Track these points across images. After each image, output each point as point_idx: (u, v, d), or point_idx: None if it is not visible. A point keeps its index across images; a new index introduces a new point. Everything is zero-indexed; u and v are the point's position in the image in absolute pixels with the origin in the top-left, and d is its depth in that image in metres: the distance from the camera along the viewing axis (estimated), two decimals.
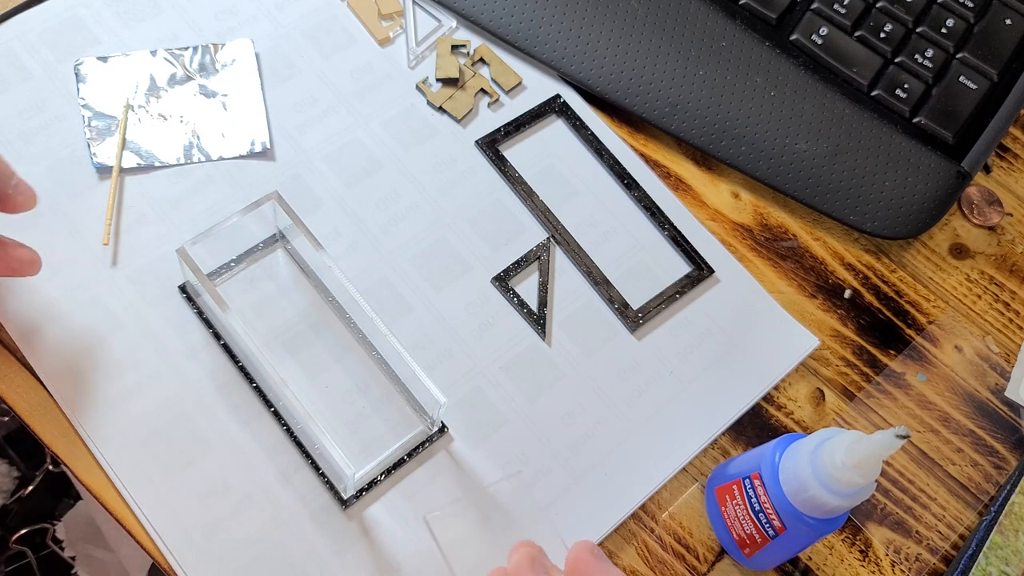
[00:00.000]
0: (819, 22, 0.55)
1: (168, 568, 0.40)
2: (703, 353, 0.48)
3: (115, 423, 0.41)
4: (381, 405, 0.44)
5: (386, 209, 0.48)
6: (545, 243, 0.49)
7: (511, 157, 0.51)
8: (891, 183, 0.53)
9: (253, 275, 0.46)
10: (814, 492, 0.37)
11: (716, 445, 0.47)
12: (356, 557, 0.41)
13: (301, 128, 0.49)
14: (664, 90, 0.53)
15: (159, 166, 0.47)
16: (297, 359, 0.44)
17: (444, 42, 0.53)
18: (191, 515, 0.40)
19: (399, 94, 0.52)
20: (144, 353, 0.43)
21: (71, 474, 0.42)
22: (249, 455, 0.42)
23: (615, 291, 0.49)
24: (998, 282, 0.54)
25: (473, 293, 0.47)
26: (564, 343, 0.47)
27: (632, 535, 0.44)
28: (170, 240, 0.45)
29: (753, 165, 0.53)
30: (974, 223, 0.56)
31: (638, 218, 0.51)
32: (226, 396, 0.43)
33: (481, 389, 0.45)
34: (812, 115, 0.53)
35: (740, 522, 0.42)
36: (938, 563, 0.46)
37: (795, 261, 0.52)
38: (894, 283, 0.53)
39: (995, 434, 0.50)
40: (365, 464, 0.42)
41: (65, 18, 0.49)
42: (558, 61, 0.53)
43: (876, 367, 0.50)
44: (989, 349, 0.52)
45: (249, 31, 0.51)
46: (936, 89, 0.55)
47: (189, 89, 0.49)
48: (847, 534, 0.46)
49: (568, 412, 0.46)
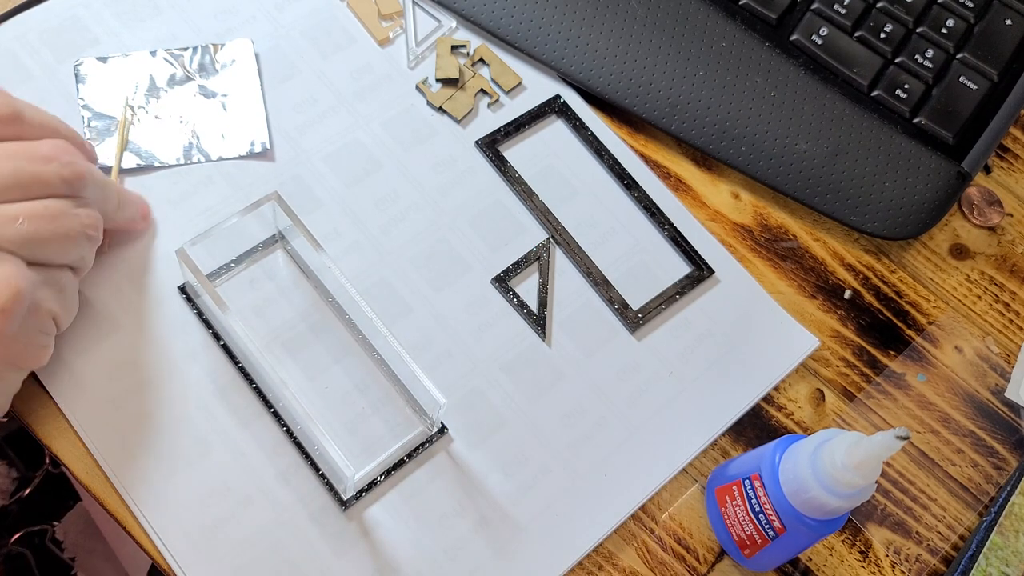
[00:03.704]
0: (819, 22, 0.55)
1: (168, 569, 0.39)
2: (703, 353, 0.48)
3: (114, 423, 0.41)
4: (381, 406, 0.44)
5: (386, 209, 0.48)
6: (545, 243, 0.49)
7: (511, 157, 0.51)
8: (891, 183, 0.53)
9: (253, 276, 0.46)
10: (814, 493, 0.37)
11: (716, 446, 0.47)
12: (356, 558, 0.41)
13: (301, 128, 0.49)
14: (664, 90, 0.53)
15: (159, 166, 0.47)
16: (297, 360, 0.44)
17: (444, 42, 0.53)
18: (191, 515, 0.40)
19: (399, 94, 0.52)
20: (144, 354, 0.43)
21: (70, 475, 0.42)
22: (249, 456, 0.42)
23: (615, 291, 0.49)
24: (998, 283, 0.54)
25: (473, 293, 0.47)
26: (564, 343, 0.47)
27: (632, 535, 0.44)
28: (170, 240, 0.45)
29: (753, 165, 0.53)
30: (974, 223, 0.56)
31: (638, 218, 0.51)
32: (226, 397, 0.43)
33: (481, 390, 0.45)
34: (812, 115, 0.53)
35: (740, 523, 0.42)
36: (938, 564, 0.46)
37: (795, 262, 0.52)
38: (894, 284, 0.53)
39: (995, 435, 0.50)
40: (365, 465, 0.42)
41: (65, 18, 0.49)
42: (558, 61, 0.53)
43: (876, 368, 0.50)
44: (989, 350, 0.52)
45: (249, 31, 0.51)
46: (936, 89, 0.55)
47: (189, 89, 0.49)
48: (847, 535, 0.46)
49: (568, 412, 0.46)
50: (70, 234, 0.37)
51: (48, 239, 0.36)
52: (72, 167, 0.37)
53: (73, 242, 0.37)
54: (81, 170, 0.38)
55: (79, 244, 0.38)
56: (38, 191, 0.36)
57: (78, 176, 0.38)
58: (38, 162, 0.36)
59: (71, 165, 0.37)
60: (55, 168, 0.37)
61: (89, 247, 0.39)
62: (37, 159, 0.36)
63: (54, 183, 0.37)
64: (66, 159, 0.37)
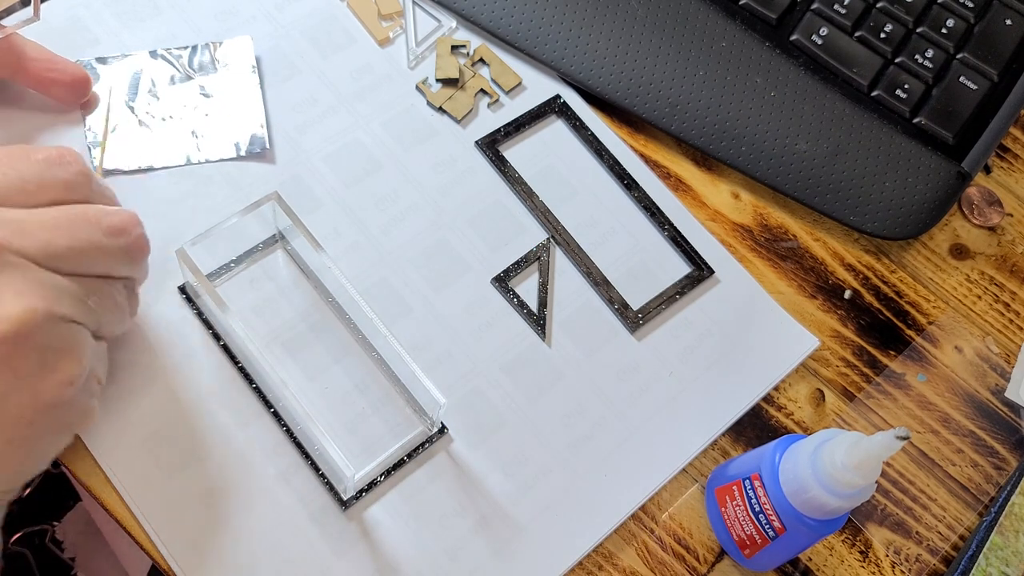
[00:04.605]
0: (819, 22, 0.55)
1: (168, 569, 0.39)
2: (703, 353, 0.48)
3: (114, 424, 0.41)
4: (381, 406, 0.44)
5: (386, 209, 0.48)
6: (545, 243, 0.49)
7: (511, 157, 0.51)
8: (891, 183, 0.53)
9: (253, 276, 0.46)
10: (814, 493, 0.37)
11: (716, 446, 0.47)
12: (356, 558, 0.41)
13: (301, 128, 0.49)
14: (664, 90, 0.53)
15: (159, 167, 0.47)
16: (297, 360, 0.44)
17: (444, 42, 0.53)
18: (191, 516, 0.40)
19: (399, 94, 0.52)
20: (143, 354, 0.43)
21: (71, 475, 0.42)
22: (249, 456, 0.42)
23: (615, 291, 0.49)
24: (998, 283, 0.54)
25: (473, 294, 0.47)
26: (564, 344, 0.47)
27: (632, 536, 0.44)
28: (170, 240, 0.45)
29: (753, 165, 0.53)
30: (974, 223, 0.56)
31: (638, 218, 0.51)
32: (226, 397, 0.43)
33: (481, 390, 0.45)
34: (812, 115, 0.53)
35: (740, 523, 0.42)
36: (938, 564, 0.46)
37: (795, 261, 0.52)
38: (894, 284, 0.53)
39: (995, 435, 0.50)
40: (365, 465, 0.42)
41: (65, 18, 0.49)
42: (558, 61, 0.53)
43: (876, 368, 0.50)
44: (989, 350, 0.52)
45: (248, 31, 0.51)
46: (936, 89, 0.55)
47: (189, 90, 0.49)
48: (847, 535, 0.46)
49: (568, 412, 0.46)
50: (121, 309, 0.38)
51: (111, 313, 0.37)
52: (142, 240, 0.38)
53: (122, 316, 0.38)
54: (146, 246, 0.39)
55: (124, 318, 0.39)
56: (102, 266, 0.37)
57: (141, 251, 0.38)
58: (111, 235, 0.36)
59: (141, 239, 0.38)
60: (123, 242, 0.37)
61: (127, 319, 0.40)
62: (110, 231, 0.36)
63: (120, 259, 0.37)
64: (136, 232, 0.38)
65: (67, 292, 0.34)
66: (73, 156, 0.37)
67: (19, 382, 0.32)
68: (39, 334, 0.32)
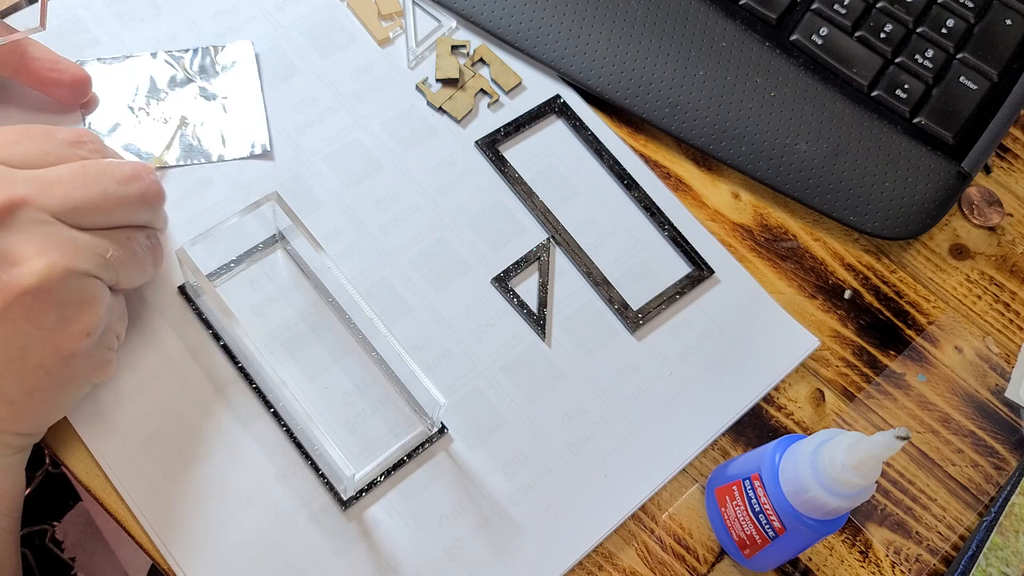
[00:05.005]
0: (819, 22, 0.55)
1: (168, 569, 0.39)
2: (703, 353, 0.48)
3: (114, 424, 0.41)
4: (381, 406, 0.44)
5: (386, 210, 0.48)
6: (545, 244, 0.49)
7: (511, 157, 0.51)
8: (891, 183, 0.53)
9: (253, 276, 0.46)
10: (814, 493, 0.37)
11: (716, 446, 0.47)
12: (356, 558, 0.41)
13: (301, 129, 0.49)
14: (664, 90, 0.53)
15: (159, 168, 0.47)
16: (297, 360, 0.44)
17: (444, 42, 0.53)
18: (191, 516, 0.40)
19: (399, 94, 0.52)
20: (143, 354, 0.43)
21: (71, 475, 0.42)
22: (249, 456, 0.42)
23: (615, 291, 0.49)
24: (998, 283, 0.54)
25: (473, 294, 0.47)
26: (564, 344, 0.47)
27: (632, 536, 0.44)
28: (170, 241, 0.45)
29: (753, 165, 0.53)
30: (974, 223, 0.56)
31: (638, 218, 0.51)
32: (226, 397, 0.43)
33: (481, 390, 0.45)
34: (812, 115, 0.53)
35: (740, 523, 0.42)
36: (938, 564, 0.46)
37: (795, 262, 0.52)
38: (894, 284, 0.53)
39: (995, 435, 0.50)
40: (365, 465, 0.42)
41: (65, 19, 0.49)
42: (558, 61, 0.53)
43: (876, 368, 0.50)
44: (989, 350, 0.52)
45: (249, 31, 0.51)
46: (936, 89, 0.55)
47: (189, 91, 0.49)
48: (847, 535, 0.46)
49: (568, 412, 0.46)
50: (142, 261, 0.40)
51: (129, 266, 0.39)
52: (156, 186, 0.40)
53: (141, 268, 0.40)
54: (161, 191, 0.41)
55: (145, 269, 0.41)
56: (123, 216, 0.39)
57: (157, 196, 0.40)
58: (124, 183, 0.38)
59: (155, 184, 0.40)
60: (137, 188, 0.39)
61: (149, 270, 0.42)
62: (123, 179, 0.38)
63: (137, 206, 0.39)
64: (149, 178, 0.40)
65: (86, 247, 0.36)
66: (91, 136, 0.40)
67: (40, 333, 0.35)
68: (59, 289, 0.35)
